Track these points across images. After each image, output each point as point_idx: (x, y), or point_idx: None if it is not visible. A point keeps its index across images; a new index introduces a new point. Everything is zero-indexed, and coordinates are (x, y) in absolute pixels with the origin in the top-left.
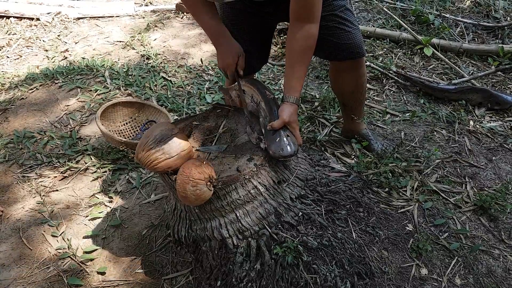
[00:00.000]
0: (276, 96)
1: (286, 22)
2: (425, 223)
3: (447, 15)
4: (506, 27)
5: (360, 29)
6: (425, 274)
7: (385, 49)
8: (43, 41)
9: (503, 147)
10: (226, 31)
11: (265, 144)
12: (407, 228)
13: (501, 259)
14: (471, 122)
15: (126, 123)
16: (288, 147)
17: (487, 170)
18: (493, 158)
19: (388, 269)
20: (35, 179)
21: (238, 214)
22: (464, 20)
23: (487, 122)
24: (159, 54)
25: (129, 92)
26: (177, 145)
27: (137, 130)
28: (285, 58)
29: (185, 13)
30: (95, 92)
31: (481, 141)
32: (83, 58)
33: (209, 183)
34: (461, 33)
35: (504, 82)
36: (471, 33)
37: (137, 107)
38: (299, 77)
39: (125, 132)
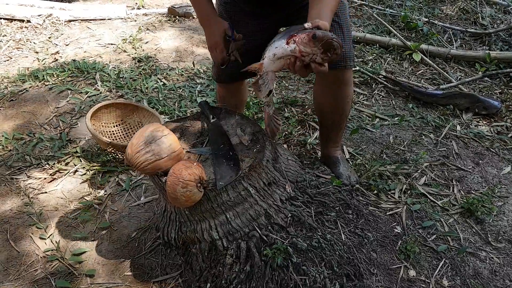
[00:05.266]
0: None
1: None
2: (413, 225)
3: (436, 22)
4: (492, 34)
5: (351, 41)
6: (413, 276)
7: (374, 54)
8: (34, 43)
9: (490, 151)
10: (215, 12)
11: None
12: (396, 230)
13: (487, 261)
14: (459, 127)
15: (118, 125)
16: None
17: (474, 173)
18: (480, 161)
19: (377, 271)
20: (24, 180)
21: (228, 216)
22: (452, 26)
23: (474, 126)
24: (151, 57)
25: (120, 94)
26: (167, 147)
27: (129, 133)
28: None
29: (177, 17)
30: (86, 94)
31: (468, 145)
32: (74, 60)
33: (199, 184)
34: (449, 40)
35: (491, 88)
36: (459, 40)
37: (130, 109)
38: (332, 10)
39: (116, 134)
